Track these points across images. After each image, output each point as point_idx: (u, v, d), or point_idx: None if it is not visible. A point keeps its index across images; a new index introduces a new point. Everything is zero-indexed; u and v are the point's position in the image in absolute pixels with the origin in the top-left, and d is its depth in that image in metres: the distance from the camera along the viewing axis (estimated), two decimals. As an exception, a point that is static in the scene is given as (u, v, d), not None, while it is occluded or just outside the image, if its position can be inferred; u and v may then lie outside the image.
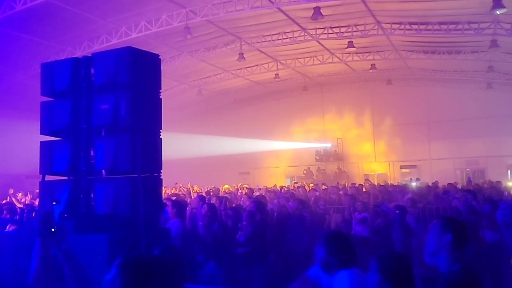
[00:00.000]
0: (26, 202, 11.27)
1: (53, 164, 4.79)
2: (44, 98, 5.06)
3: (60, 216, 3.99)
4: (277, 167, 29.49)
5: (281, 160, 29.39)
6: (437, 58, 20.81)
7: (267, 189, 15.58)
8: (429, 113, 25.80)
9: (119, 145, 4.53)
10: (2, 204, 9.00)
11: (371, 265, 2.66)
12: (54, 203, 2.97)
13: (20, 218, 7.74)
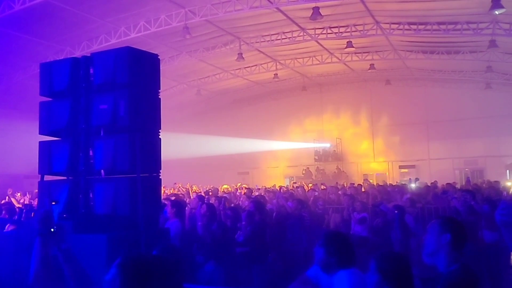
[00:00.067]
0: (25, 202, 11.26)
1: (52, 164, 4.79)
2: (43, 98, 5.05)
3: (59, 216, 3.99)
4: (276, 167, 29.50)
5: (280, 160, 29.39)
6: (436, 58, 20.83)
7: (266, 189, 15.57)
8: (428, 113, 25.83)
9: (118, 145, 4.53)
10: (1, 204, 8.99)
11: (370, 265, 2.66)
12: (54, 203, 2.96)
13: (19, 218, 7.73)
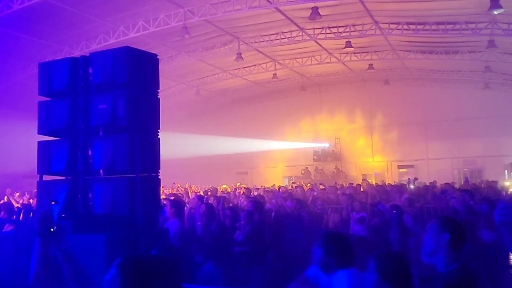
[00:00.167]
0: (24, 202, 11.24)
1: (51, 164, 4.79)
2: (42, 98, 5.05)
3: (58, 216, 3.98)
4: (275, 167, 29.49)
5: (279, 160, 29.38)
6: (435, 58, 20.85)
7: (265, 189, 15.56)
8: (427, 113, 25.85)
9: (117, 145, 4.53)
10: (0, 204, 8.97)
11: (369, 265, 2.66)
12: (53, 203, 2.96)
13: (17, 218, 7.73)
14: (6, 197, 11.59)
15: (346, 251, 3.25)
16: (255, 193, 14.25)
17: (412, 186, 17.24)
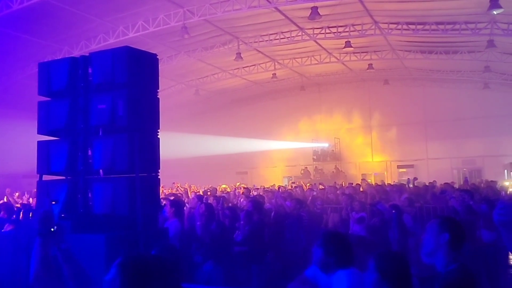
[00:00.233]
0: (24, 202, 11.24)
1: (51, 164, 4.79)
2: (42, 98, 5.05)
3: (58, 216, 3.99)
4: (275, 167, 29.48)
5: (279, 160, 29.38)
6: (434, 58, 20.86)
7: (265, 189, 15.56)
8: (426, 113, 25.85)
9: (117, 145, 4.53)
10: (0, 204, 8.97)
11: (369, 265, 2.66)
12: (54, 203, 2.97)
13: (17, 218, 7.72)
14: (6, 197, 11.58)
15: (346, 251, 3.25)
16: (255, 193, 14.25)
17: (411, 185, 17.22)
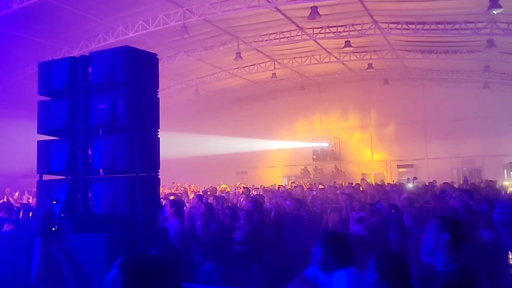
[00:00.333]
0: (24, 202, 11.24)
1: (51, 164, 4.78)
2: (42, 97, 5.05)
3: (58, 216, 3.99)
4: (274, 167, 29.50)
5: (278, 160, 29.39)
6: (434, 58, 20.86)
7: (265, 189, 15.54)
8: (426, 113, 25.86)
9: (117, 145, 4.53)
10: (0, 204, 8.97)
11: (369, 264, 2.67)
12: (54, 202, 2.97)
13: (17, 218, 7.71)
14: (6, 197, 11.57)
15: (346, 251, 3.26)
16: (254, 193, 14.25)
17: (411, 185, 17.23)
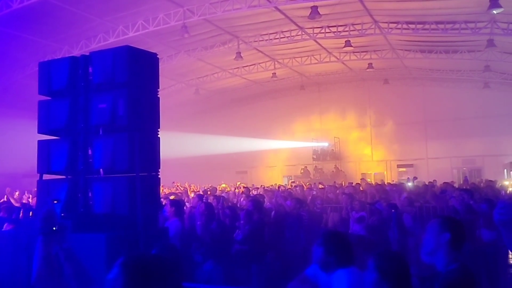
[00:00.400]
0: (24, 201, 11.24)
1: (51, 163, 4.79)
2: (42, 97, 5.05)
3: (58, 215, 3.98)
4: (274, 166, 29.50)
5: (278, 159, 29.40)
6: (434, 58, 20.85)
7: (265, 189, 15.54)
8: (426, 112, 25.85)
9: (117, 144, 4.53)
10: (0, 203, 8.98)
11: (368, 264, 2.67)
12: (55, 202, 2.97)
13: (17, 217, 7.71)
14: (6, 196, 11.58)
15: (346, 250, 3.26)
16: (254, 193, 14.25)
17: (410, 184, 17.22)
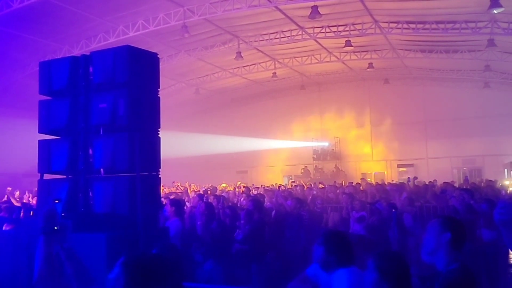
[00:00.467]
0: (25, 201, 11.25)
1: (52, 163, 4.79)
2: (43, 97, 5.05)
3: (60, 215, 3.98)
4: (275, 166, 29.49)
5: (279, 159, 29.39)
6: (434, 57, 20.83)
7: (265, 188, 15.54)
8: (426, 112, 25.84)
9: (118, 144, 4.53)
10: (1, 203, 8.99)
11: (368, 264, 2.67)
12: (57, 202, 2.97)
13: (17, 217, 7.71)
14: (6, 196, 11.59)
15: (347, 250, 3.27)
16: (255, 192, 14.25)
17: (410, 183, 17.20)
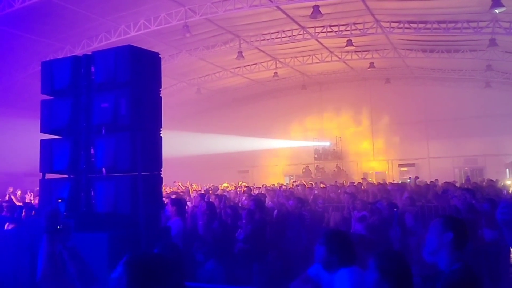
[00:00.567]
0: (26, 201, 11.27)
1: (53, 162, 4.80)
2: (44, 97, 5.06)
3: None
4: (276, 166, 29.50)
5: (280, 159, 29.40)
6: (436, 57, 20.81)
7: (266, 188, 15.55)
8: (428, 112, 25.81)
9: (119, 144, 4.53)
10: (3, 202, 9.00)
11: (369, 263, 2.67)
12: (60, 201, 2.98)
13: (19, 217, 7.73)
14: (8, 196, 11.62)
15: (348, 249, 3.27)
16: (256, 192, 14.25)
17: (411, 182, 17.19)
